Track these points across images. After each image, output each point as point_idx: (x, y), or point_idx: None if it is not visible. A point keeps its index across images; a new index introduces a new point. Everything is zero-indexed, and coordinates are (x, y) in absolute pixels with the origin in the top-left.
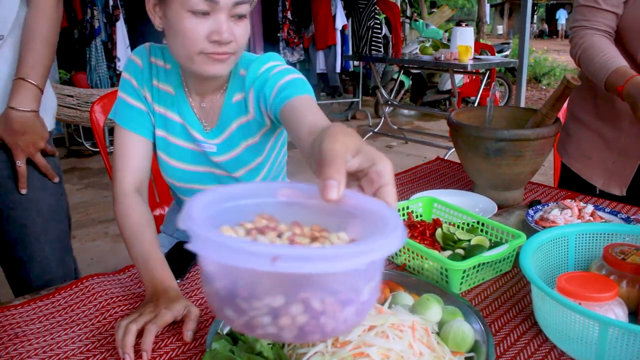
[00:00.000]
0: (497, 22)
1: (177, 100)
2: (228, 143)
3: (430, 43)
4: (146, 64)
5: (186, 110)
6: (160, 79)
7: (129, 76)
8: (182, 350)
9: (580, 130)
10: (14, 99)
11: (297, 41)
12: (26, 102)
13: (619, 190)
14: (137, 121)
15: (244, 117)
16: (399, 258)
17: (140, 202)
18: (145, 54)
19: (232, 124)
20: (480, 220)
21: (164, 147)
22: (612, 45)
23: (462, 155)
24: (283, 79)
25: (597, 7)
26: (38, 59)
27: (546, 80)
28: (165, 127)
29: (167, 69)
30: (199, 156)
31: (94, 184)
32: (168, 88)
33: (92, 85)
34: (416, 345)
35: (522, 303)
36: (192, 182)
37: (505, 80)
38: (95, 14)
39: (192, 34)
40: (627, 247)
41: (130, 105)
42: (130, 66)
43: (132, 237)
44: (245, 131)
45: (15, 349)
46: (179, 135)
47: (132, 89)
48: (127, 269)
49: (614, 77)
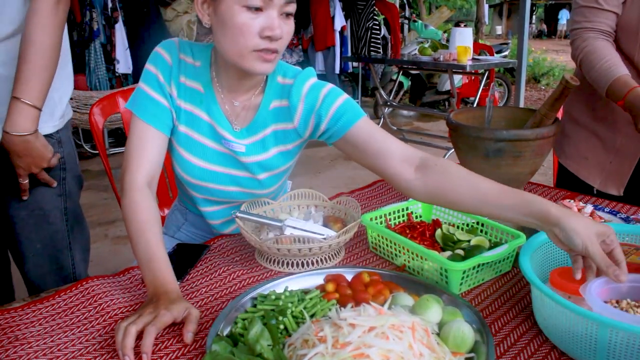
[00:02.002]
0: (496, 23)
1: (205, 99)
2: (259, 145)
3: (429, 44)
4: (175, 60)
5: (215, 109)
6: (189, 75)
7: (155, 70)
8: (183, 352)
9: (577, 131)
10: (9, 121)
11: (296, 42)
12: (22, 124)
13: (616, 191)
14: (158, 116)
15: (282, 124)
16: (399, 259)
17: (149, 197)
18: (175, 49)
19: (267, 128)
20: (479, 220)
21: (185, 143)
22: (614, 51)
23: (462, 155)
24: (337, 102)
25: (598, 7)
26: (34, 72)
27: (545, 81)
28: (190, 124)
29: (197, 66)
30: (222, 156)
31: (94, 186)
32: (197, 85)
33: (91, 87)
34: (416, 346)
35: (521, 303)
36: (209, 180)
37: (504, 81)
38: (94, 16)
39: (246, 29)
40: (626, 246)
41: (152, 99)
42: (157, 60)
43: (138, 234)
44: (281, 137)
45: (16, 351)
46: (204, 133)
47: (157, 83)
48: (127, 271)
49: (615, 87)
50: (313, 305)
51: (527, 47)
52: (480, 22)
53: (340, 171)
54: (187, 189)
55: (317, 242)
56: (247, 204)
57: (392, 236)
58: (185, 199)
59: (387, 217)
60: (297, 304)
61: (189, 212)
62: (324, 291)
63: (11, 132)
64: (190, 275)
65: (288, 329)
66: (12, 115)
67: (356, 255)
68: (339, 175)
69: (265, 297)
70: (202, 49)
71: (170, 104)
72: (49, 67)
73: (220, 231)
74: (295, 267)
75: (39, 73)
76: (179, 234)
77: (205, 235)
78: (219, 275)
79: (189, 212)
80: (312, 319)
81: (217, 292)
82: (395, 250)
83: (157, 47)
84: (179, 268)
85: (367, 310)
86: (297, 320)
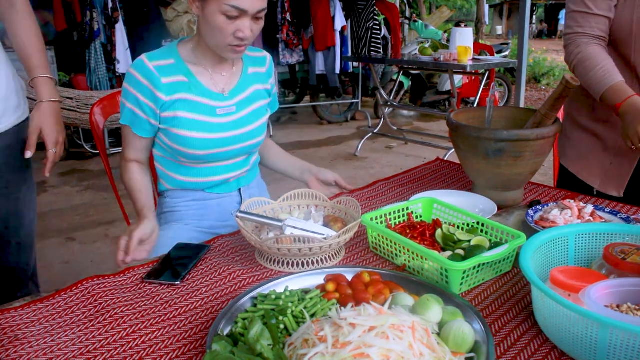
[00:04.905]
0: (496, 23)
1: (192, 85)
2: (246, 101)
3: (430, 44)
4: (148, 73)
5: (202, 90)
6: (169, 73)
7: (134, 91)
8: (183, 351)
9: (578, 131)
10: (43, 94)
11: (297, 42)
12: (54, 93)
13: (616, 192)
14: (140, 127)
15: (261, 85)
16: (399, 259)
17: (142, 170)
18: (144, 66)
19: (250, 87)
20: (480, 220)
21: (187, 125)
22: (607, 56)
23: (462, 155)
24: (276, 88)
25: (589, 12)
26: (43, 55)
27: (545, 81)
28: (187, 108)
29: (172, 63)
30: (219, 125)
31: (94, 186)
32: (180, 78)
33: (92, 87)
34: (416, 346)
35: (522, 303)
36: (213, 148)
37: (504, 81)
38: (94, 16)
39: (223, 31)
40: (627, 246)
41: (135, 114)
42: (133, 82)
43: (135, 189)
44: (260, 95)
45: (16, 351)
46: (202, 112)
47: (137, 101)
48: (127, 271)
49: (610, 94)
50: (313, 305)
51: (528, 47)
52: (481, 22)
53: (340, 171)
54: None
55: (317, 242)
56: (247, 204)
57: (392, 236)
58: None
59: (388, 217)
60: (297, 303)
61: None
62: (324, 291)
63: (47, 99)
64: (190, 275)
65: (288, 328)
66: (41, 89)
67: (356, 255)
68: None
69: (266, 296)
70: (168, 50)
71: (151, 115)
72: (44, 48)
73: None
74: (295, 267)
75: (45, 54)
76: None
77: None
78: (219, 275)
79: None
80: (312, 318)
81: (217, 292)
82: (395, 250)
83: (130, 68)
84: (179, 267)
85: (368, 310)
86: (297, 320)
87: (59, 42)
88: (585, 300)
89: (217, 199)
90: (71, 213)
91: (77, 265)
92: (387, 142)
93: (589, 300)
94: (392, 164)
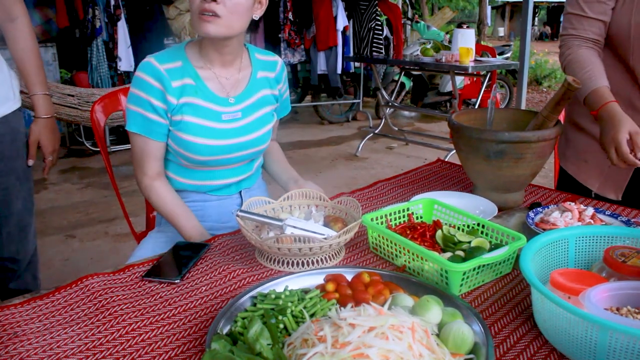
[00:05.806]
0: (498, 24)
1: (198, 89)
2: (252, 107)
3: (432, 45)
4: (159, 75)
5: (208, 94)
6: (178, 76)
7: (146, 95)
8: (182, 349)
9: (577, 134)
10: (39, 110)
11: (298, 42)
12: (48, 109)
13: (614, 195)
14: (155, 130)
15: (269, 90)
16: (399, 259)
17: (167, 183)
18: (154, 68)
19: (257, 93)
20: (480, 222)
21: (193, 130)
22: (598, 59)
23: (463, 157)
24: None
25: (583, 15)
26: (41, 71)
27: (547, 83)
28: (194, 112)
29: (180, 66)
30: (223, 131)
31: (94, 183)
32: (188, 80)
33: (93, 84)
34: (416, 347)
35: (522, 305)
36: (217, 154)
37: (506, 83)
38: (96, 14)
39: None
40: (627, 249)
41: (148, 119)
42: (143, 85)
43: (171, 214)
44: (267, 101)
45: (15, 348)
46: (206, 117)
47: (151, 106)
48: (127, 269)
49: (591, 98)
50: (313, 305)
51: (529, 49)
52: (483, 24)
53: (341, 171)
54: (195, 164)
55: (317, 242)
56: (247, 203)
57: (392, 237)
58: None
59: (388, 217)
60: (297, 303)
61: None
62: (324, 291)
63: (44, 116)
64: (190, 274)
65: (288, 328)
66: (39, 105)
67: (356, 255)
68: (340, 175)
69: (265, 296)
70: (175, 52)
71: (168, 109)
72: (42, 65)
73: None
74: (295, 267)
75: (41, 69)
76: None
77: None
78: (219, 274)
79: None
80: (312, 318)
81: (217, 291)
82: (395, 251)
83: (138, 71)
84: (179, 266)
85: (367, 310)
86: (297, 319)
87: (60, 39)
88: (585, 302)
89: (218, 200)
90: (71, 210)
91: (77, 262)
92: (388, 143)
93: (588, 302)
94: (392, 164)
